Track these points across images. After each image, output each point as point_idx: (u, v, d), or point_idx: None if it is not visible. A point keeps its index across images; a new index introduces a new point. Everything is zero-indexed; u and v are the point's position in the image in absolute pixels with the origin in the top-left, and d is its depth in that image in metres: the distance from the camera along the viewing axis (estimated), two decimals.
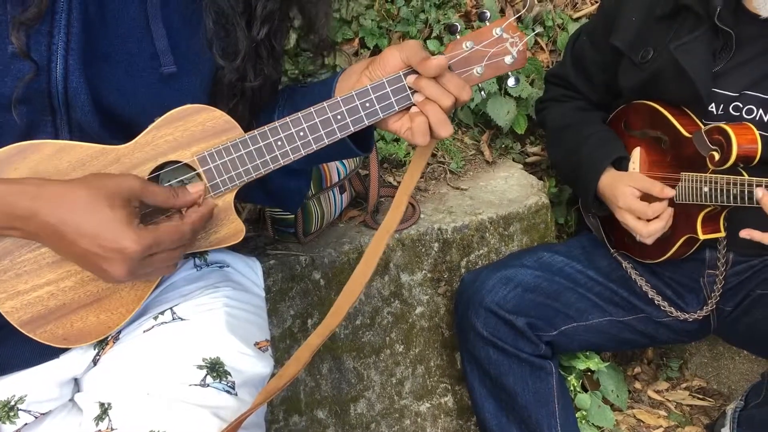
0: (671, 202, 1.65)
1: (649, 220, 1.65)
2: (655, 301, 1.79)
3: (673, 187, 1.64)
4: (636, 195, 1.66)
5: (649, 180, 1.67)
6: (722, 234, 1.66)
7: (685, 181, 1.62)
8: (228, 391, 1.06)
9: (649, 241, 1.67)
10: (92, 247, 0.92)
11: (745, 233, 1.51)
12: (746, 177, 1.51)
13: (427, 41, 2.24)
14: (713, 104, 1.63)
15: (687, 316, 1.78)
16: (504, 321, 1.73)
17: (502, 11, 2.38)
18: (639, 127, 1.77)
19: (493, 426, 1.83)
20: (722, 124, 1.55)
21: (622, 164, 1.76)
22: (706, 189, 1.56)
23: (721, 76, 1.62)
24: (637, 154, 1.76)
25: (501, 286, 1.76)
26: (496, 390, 1.81)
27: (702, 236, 1.64)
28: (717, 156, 1.55)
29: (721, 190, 1.53)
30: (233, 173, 1.05)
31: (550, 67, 2.38)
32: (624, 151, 1.77)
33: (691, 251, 1.72)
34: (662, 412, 2.21)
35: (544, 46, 2.40)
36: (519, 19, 2.36)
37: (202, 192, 1.03)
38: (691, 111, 1.66)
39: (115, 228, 0.92)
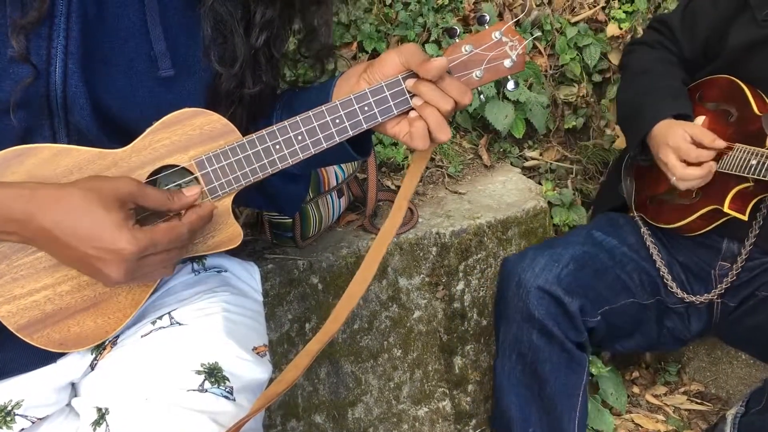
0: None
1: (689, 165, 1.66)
2: (661, 272, 1.80)
3: (723, 155, 1.65)
4: (687, 139, 1.67)
5: (704, 130, 1.68)
6: (744, 217, 1.66)
7: (737, 150, 1.63)
8: (226, 397, 1.05)
9: (682, 185, 1.68)
10: (88, 250, 0.92)
11: None
12: None
13: (426, 45, 2.24)
14: None
15: (686, 296, 1.80)
16: (557, 302, 1.72)
17: (501, 15, 2.39)
18: (714, 99, 1.78)
19: (515, 414, 1.84)
20: None
21: None
22: (754, 162, 1.58)
23: None
24: (700, 120, 1.77)
25: (553, 264, 1.75)
26: (525, 377, 1.81)
27: (727, 209, 1.66)
28: None
29: None
30: (231, 177, 1.04)
31: (548, 70, 2.38)
32: (691, 111, 1.77)
33: (707, 229, 1.74)
34: (660, 417, 2.20)
35: (542, 50, 2.40)
36: (517, 24, 2.36)
37: (198, 195, 1.03)
38: None
39: (110, 229, 0.91)
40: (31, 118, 1.00)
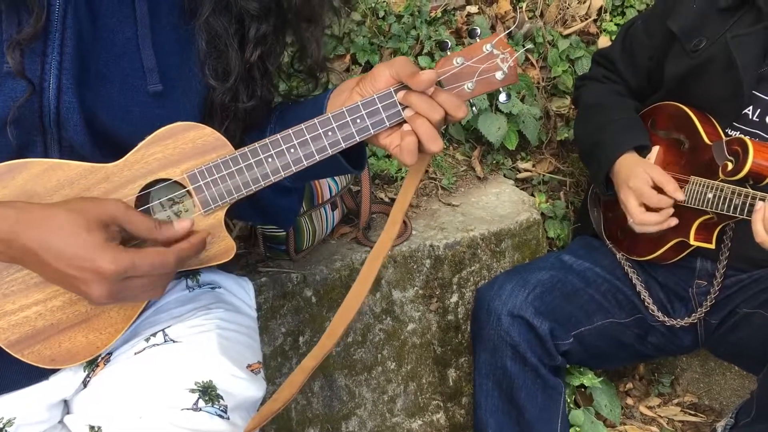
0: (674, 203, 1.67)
1: (648, 210, 1.66)
2: (641, 296, 1.81)
3: (681, 188, 1.65)
4: (649, 183, 1.67)
5: (666, 175, 1.67)
6: (712, 246, 1.67)
7: (693, 184, 1.63)
8: (220, 415, 1.05)
9: (638, 229, 1.69)
10: (69, 270, 0.92)
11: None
12: (752, 191, 1.51)
13: (418, 57, 2.25)
14: (751, 107, 1.63)
15: (667, 320, 1.80)
16: (528, 325, 1.72)
17: (493, 28, 2.40)
18: (665, 127, 1.78)
19: None
20: (744, 137, 1.56)
21: (642, 154, 1.78)
22: (710, 195, 1.57)
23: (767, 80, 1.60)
24: (655, 151, 1.77)
25: (520, 289, 1.76)
26: (503, 404, 1.81)
27: (693, 242, 1.66)
28: (730, 166, 1.56)
29: (725, 199, 1.54)
30: (224, 190, 1.04)
31: (541, 83, 2.39)
32: (648, 141, 1.77)
33: (679, 257, 1.75)
34: (654, 428, 2.20)
35: (534, 63, 2.41)
36: (509, 36, 2.37)
37: (188, 229, 1.02)
38: (725, 112, 1.66)
39: (90, 250, 0.91)
40: (22, 134, 1.00)
